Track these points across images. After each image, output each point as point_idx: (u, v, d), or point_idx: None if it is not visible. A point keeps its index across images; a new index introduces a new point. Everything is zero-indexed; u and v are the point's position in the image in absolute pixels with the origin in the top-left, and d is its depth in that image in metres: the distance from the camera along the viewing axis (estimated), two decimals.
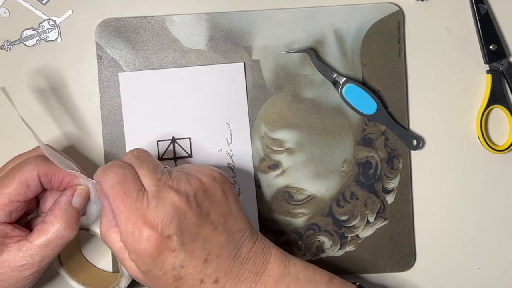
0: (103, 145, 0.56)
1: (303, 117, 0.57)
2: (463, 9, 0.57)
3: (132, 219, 0.44)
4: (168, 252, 0.44)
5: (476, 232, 0.59)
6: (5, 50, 0.56)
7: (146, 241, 0.43)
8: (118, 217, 0.44)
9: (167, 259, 0.44)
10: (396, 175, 0.57)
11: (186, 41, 0.56)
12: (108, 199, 0.45)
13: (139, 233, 0.43)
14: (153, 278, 0.45)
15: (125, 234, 0.44)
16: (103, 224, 0.46)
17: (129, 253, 0.44)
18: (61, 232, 0.45)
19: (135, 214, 0.44)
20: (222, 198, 0.47)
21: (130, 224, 0.44)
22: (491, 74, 0.57)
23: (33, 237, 0.45)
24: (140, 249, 0.43)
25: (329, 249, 0.57)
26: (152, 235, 0.43)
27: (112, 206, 0.45)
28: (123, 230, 0.44)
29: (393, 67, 0.57)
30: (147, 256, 0.44)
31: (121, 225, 0.44)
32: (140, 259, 0.44)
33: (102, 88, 0.56)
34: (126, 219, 0.44)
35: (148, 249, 0.43)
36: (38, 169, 0.46)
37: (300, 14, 0.56)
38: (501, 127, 0.58)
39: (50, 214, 0.46)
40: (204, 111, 0.56)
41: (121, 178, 0.45)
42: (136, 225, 0.43)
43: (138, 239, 0.43)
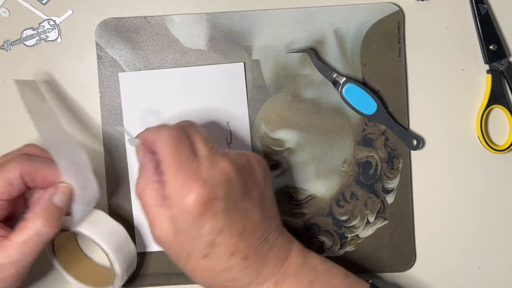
0: (103, 145, 0.56)
1: (303, 117, 0.57)
2: (463, 9, 0.57)
3: (183, 174, 0.44)
4: (211, 214, 0.44)
5: (476, 232, 0.59)
6: (5, 50, 0.56)
7: (194, 196, 0.43)
8: (168, 171, 0.44)
9: (208, 221, 0.44)
10: (396, 175, 0.57)
11: (186, 41, 0.56)
12: (160, 154, 0.45)
13: (188, 188, 0.43)
14: (185, 239, 0.44)
15: (173, 187, 0.44)
16: (141, 181, 0.46)
17: (170, 208, 0.44)
18: (41, 229, 0.45)
19: (186, 170, 0.44)
20: (263, 181, 0.48)
21: (181, 178, 0.44)
22: (491, 74, 0.57)
23: (12, 235, 0.45)
24: (185, 204, 0.43)
25: (329, 249, 0.57)
26: (201, 192, 0.43)
27: (162, 161, 0.44)
28: (171, 184, 0.44)
29: (393, 67, 0.57)
30: (190, 212, 0.43)
31: (170, 178, 0.44)
32: (181, 215, 0.43)
33: (102, 88, 0.56)
34: (176, 173, 0.44)
35: (194, 204, 0.43)
36: (21, 168, 0.46)
37: (300, 14, 0.56)
38: (501, 127, 0.58)
39: (31, 211, 0.46)
40: (204, 111, 0.56)
41: (175, 137, 0.45)
42: (186, 180, 0.43)
43: (186, 194, 0.43)
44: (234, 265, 0.45)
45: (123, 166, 0.56)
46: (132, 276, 0.56)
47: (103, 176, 0.56)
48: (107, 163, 0.56)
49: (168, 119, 0.56)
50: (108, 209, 0.56)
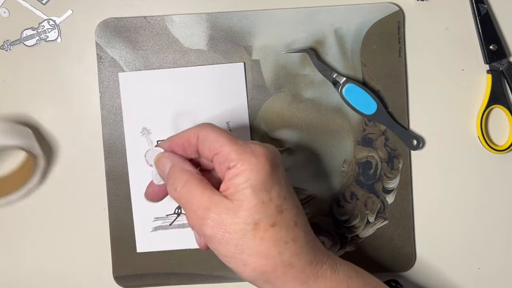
0: (103, 145, 0.56)
1: (303, 117, 0.57)
2: (463, 9, 0.57)
3: (243, 144, 0.44)
4: (276, 177, 0.44)
5: (476, 232, 0.59)
6: (5, 50, 0.56)
7: (263, 156, 0.43)
8: (227, 145, 0.44)
9: (275, 184, 0.43)
10: (396, 175, 0.57)
11: (186, 41, 0.56)
12: (208, 136, 0.45)
13: (255, 151, 0.43)
14: (256, 204, 0.43)
15: (238, 153, 0.43)
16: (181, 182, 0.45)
17: (238, 175, 0.43)
18: None
19: (245, 142, 0.44)
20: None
21: (242, 146, 0.44)
22: (491, 74, 0.57)
23: None
24: (257, 163, 0.43)
25: (329, 249, 0.57)
26: (269, 154, 0.44)
27: (215, 139, 0.44)
28: (235, 152, 0.43)
29: (393, 67, 0.57)
30: (263, 170, 0.43)
31: (231, 149, 0.43)
32: (252, 176, 0.43)
33: (102, 88, 0.56)
34: (237, 144, 0.44)
35: (265, 163, 0.43)
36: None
37: (300, 14, 0.56)
38: (501, 127, 0.58)
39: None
40: (204, 111, 0.56)
41: (215, 126, 0.46)
42: (250, 146, 0.44)
43: (255, 154, 0.43)
44: (299, 236, 0.44)
45: (123, 166, 0.56)
46: (132, 276, 0.56)
47: (103, 176, 0.56)
48: (107, 163, 0.56)
49: (168, 119, 0.56)
50: (107, 209, 0.56)
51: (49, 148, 0.57)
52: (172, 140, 0.47)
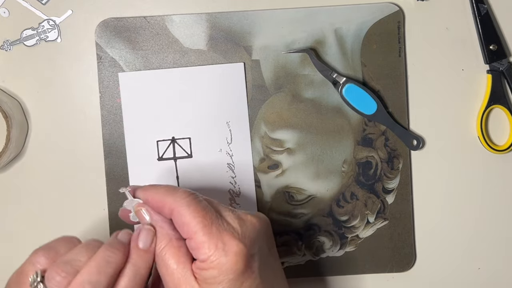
0: (103, 145, 0.56)
1: (303, 117, 0.57)
2: (463, 9, 0.57)
3: (217, 233, 0.41)
4: (250, 272, 0.42)
5: (476, 232, 0.59)
6: (5, 50, 0.56)
7: (234, 254, 0.41)
8: (199, 232, 0.42)
9: (246, 280, 0.42)
10: (396, 175, 0.57)
11: (186, 41, 0.56)
12: (182, 217, 0.42)
13: (228, 246, 0.41)
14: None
15: (209, 248, 0.41)
16: (160, 246, 0.43)
17: (208, 270, 0.41)
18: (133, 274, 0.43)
19: (219, 229, 0.42)
20: (272, 239, 0.47)
21: (215, 237, 0.41)
22: (491, 74, 0.57)
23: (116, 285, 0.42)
24: (226, 262, 0.41)
25: (329, 249, 0.57)
26: (242, 249, 0.41)
27: (188, 223, 0.42)
28: (206, 245, 0.41)
29: (393, 67, 0.57)
30: (232, 270, 0.41)
31: (203, 240, 0.41)
32: (221, 274, 0.41)
33: (102, 88, 0.56)
34: (210, 233, 0.41)
35: (236, 263, 0.41)
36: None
37: (300, 14, 0.56)
38: (501, 127, 0.58)
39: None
40: (204, 111, 0.56)
41: (195, 199, 0.43)
42: (223, 239, 0.41)
43: (226, 252, 0.41)
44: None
45: (123, 166, 0.56)
46: None
47: (103, 176, 0.56)
48: (107, 163, 0.56)
49: (168, 119, 0.56)
50: (107, 209, 0.56)
51: (49, 147, 0.57)
52: (148, 200, 0.45)
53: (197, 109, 0.56)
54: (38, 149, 0.57)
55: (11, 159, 0.55)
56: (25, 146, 0.56)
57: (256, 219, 0.44)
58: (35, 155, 0.56)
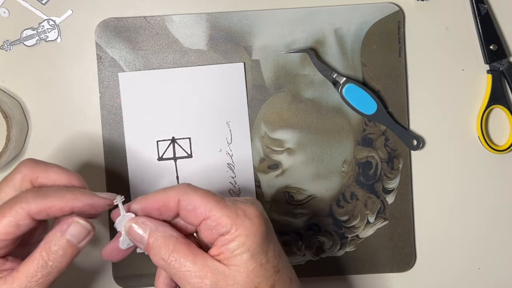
0: (103, 145, 0.56)
1: (303, 117, 0.57)
2: (463, 9, 0.57)
3: (233, 205, 0.42)
4: (271, 236, 0.43)
5: (476, 232, 0.59)
6: (5, 50, 0.56)
7: (256, 217, 0.42)
8: (215, 208, 0.42)
9: (270, 243, 0.42)
10: (396, 175, 0.57)
11: (186, 41, 0.56)
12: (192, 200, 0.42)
13: (247, 211, 0.42)
14: (255, 267, 0.41)
15: (229, 217, 0.41)
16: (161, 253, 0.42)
17: (234, 240, 0.41)
18: (45, 263, 0.42)
19: (233, 202, 0.43)
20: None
21: (233, 208, 0.42)
22: (491, 74, 0.57)
23: (20, 266, 0.42)
24: (251, 225, 0.41)
25: (329, 249, 0.57)
26: (262, 212, 0.43)
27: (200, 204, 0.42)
28: (225, 217, 0.41)
29: (393, 67, 0.57)
30: (258, 232, 0.41)
31: (222, 213, 0.41)
32: (249, 239, 0.41)
33: (102, 88, 0.56)
34: (226, 206, 0.42)
35: (260, 225, 0.42)
36: (29, 208, 0.42)
37: (300, 14, 0.56)
38: (501, 127, 0.58)
39: (43, 241, 0.43)
40: (204, 111, 0.56)
41: (196, 186, 0.43)
42: (241, 207, 0.42)
43: (248, 217, 0.42)
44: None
45: (123, 166, 0.56)
46: (132, 276, 0.56)
47: (103, 176, 0.56)
48: (107, 163, 0.56)
49: (168, 119, 0.56)
50: None
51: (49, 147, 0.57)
52: (147, 203, 0.44)
53: (197, 109, 0.56)
54: (38, 149, 0.57)
55: (11, 159, 0.55)
56: (25, 146, 0.56)
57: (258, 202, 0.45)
58: (35, 155, 0.56)
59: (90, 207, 0.43)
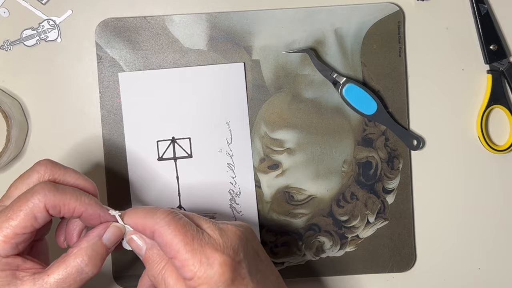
0: (103, 145, 0.56)
1: (303, 117, 0.57)
2: (463, 9, 0.57)
3: (199, 248, 0.42)
4: (240, 279, 0.43)
5: (476, 232, 0.59)
6: (5, 50, 0.56)
7: (219, 265, 0.42)
8: (181, 251, 0.42)
9: (239, 286, 0.43)
10: (396, 175, 0.57)
11: (186, 41, 0.56)
12: (163, 237, 0.43)
13: (212, 259, 0.42)
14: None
15: (193, 264, 0.42)
16: (159, 267, 0.44)
17: (199, 286, 0.42)
18: (82, 268, 0.42)
19: (201, 244, 0.42)
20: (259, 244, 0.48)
21: (198, 253, 0.42)
22: (491, 74, 0.57)
23: (51, 269, 0.42)
24: (214, 275, 0.42)
25: (329, 249, 0.57)
26: (226, 259, 0.42)
27: (169, 242, 0.42)
28: (190, 262, 0.42)
29: (393, 67, 0.57)
30: (221, 282, 0.42)
31: (187, 257, 0.42)
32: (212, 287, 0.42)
33: (102, 88, 0.56)
34: (192, 250, 0.42)
35: (223, 273, 0.42)
36: (46, 200, 0.42)
37: (300, 14, 0.56)
38: (501, 127, 0.58)
39: (76, 246, 0.44)
40: (204, 111, 0.56)
41: (175, 217, 0.43)
42: (206, 253, 0.42)
43: (211, 265, 0.42)
44: None
45: (123, 166, 0.56)
46: (132, 276, 0.56)
47: (103, 176, 0.56)
48: (107, 163, 0.56)
49: (168, 119, 0.56)
50: None
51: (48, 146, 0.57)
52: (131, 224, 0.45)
53: (197, 109, 0.56)
54: (38, 149, 0.57)
55: (11, 159, 0.55)
56: (25, 146, 0.56)
57: (237, 227, 0.45)
58: (35, 155, 0.56)
59: (97, 218, 0.44)
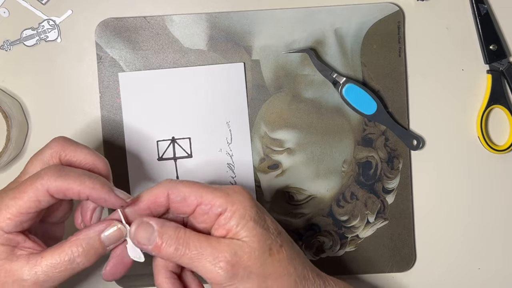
0: (103, 145, 0.56)
1: (303, 117, 0.57)
2: (463, 9, 0.57)
3: (220, 188, 0.45)
4: (261, 206, 0.46)
5: (476, 232, 0.59)
6: (5, 50, 0.56)
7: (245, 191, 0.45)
8: (205, 193, 0.44)
9: (264, 212, 0.46)
10: (396, 175, 0.57)
11: (186, 41, 0.56)
12: (180, 192, 0.44)
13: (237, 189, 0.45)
14: (263, 234, 0.45)
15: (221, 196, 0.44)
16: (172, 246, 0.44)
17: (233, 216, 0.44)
18: (74, 258, 0.43)
19: (220, 188, 0.45)
20: None
21: (221, 190, 0.45)
22: (491, 74, 0.57)
23: (46, 253, 0.43)
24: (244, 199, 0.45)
25: (329, 249, 0.57)
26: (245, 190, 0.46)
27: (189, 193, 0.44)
28: (217, 197, 0.44)
29: (393, 67, 0.57)
30: (253, 204, 0.45)
31: (213, 195, 0.44)
32: (247, 210, 0.44)
33: (102, 88, 0.56)
34: (214, 189, 0.45)
35: (250, 197, 0.45)
36: (48, 185, 0.43)
37: (300, 14, 0.56)
38: (501, 127, 0.58)
39: (76, 235, 0.44)
40: (204, 111, 0.56)
41: (181, 180, 0.46)
42: (228, 189, 0.45)
43: (237, 193, 0.45)
44: (298, 251, 0.47)
45: (123, 166, 0.56)
46: (132, 276, 0.56)
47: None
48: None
49: (168, 119, 0.56)
50: (107, 209, 0.56)
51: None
52: (138, 205, 0.45)
53: (197, 109, 0.56)
54: (38, 149, 0.56)
55: (11, 159, 0.55)
56: (25, 146, 0.56)
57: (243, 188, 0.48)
58: None
59: (103, 201, 0.44)
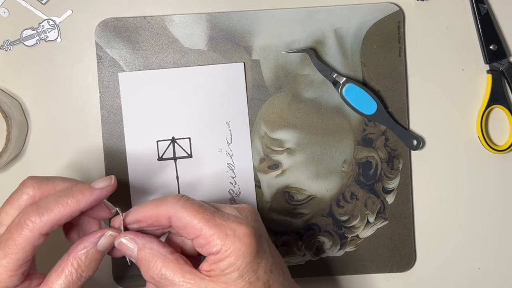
0: (103, 145, 0.56)
1: (303, 117, 0.57)
2: (463, 9, 0.57)
3: (223, 223, 0.42)
4: (263, 252, 0.43)
5: (476, 232, 0.59)
6: (4, 50, 0.56)
7: (246, 236, 0.42)
8: (204, 228, 0.42)
9: (262, 260, 0.43)
10: (396, 175, 0.57)
11: (186, 41, 0.56)
12: (182, 220, 0.43)
13: (237, 232, 0.42)
14: (245, 286, 0.42)
15: (219, 238, 0.42)
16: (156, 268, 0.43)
17: (224, 260, 0.42)
18: (80, 274, 0.43)
19: (223, 219, 0.43)
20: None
21: (222, 227, 0.42)
22: (491, 74, 0.57)
23: (51, 278, 0.43)
24: (241, 246, 0.42)
25: (329, 249, 0.57)
26: (252, 230, 0.43)
27: (190, 223, 0.43)
28: (215, 237, 0.42)
29: (393, 67, 0.57)
30: (248, 253, 0.42)
31: (212, 232, 0.42)
32: (239, 259, 0.42)
33: (102, 88, 0.56)
34: (216, 225, 0.42)
35: (250, 244, 0.42)
36: (40, 229, 0.42)
37: (300, 14, 0.56)
38: (501, 127, 0.58)
39: (71, 251, 0.44)
40: (204, 111, 0.56)
41: (188, 200, 0.44)
42: (230, 226, 0.42)
43: (238, 237, 0.42)
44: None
45: (123, 166, 0.56)
46: (132, 276, 0.56)
47: (103, 176, 0.56)
48: (107, 163, 0.56)
49: (168, 119, 0.56)
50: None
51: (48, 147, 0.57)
52: (140, 217, 0.45)
53: (197, 109, 0.56)
54: (38, 149, 0.57)
55: (11, 159, 0.55)
56: (25, 146, 0.56)
57: (249, 206, 0.46)
58: (35, 155, 0.56)
59: (94, 201, 0.44)
